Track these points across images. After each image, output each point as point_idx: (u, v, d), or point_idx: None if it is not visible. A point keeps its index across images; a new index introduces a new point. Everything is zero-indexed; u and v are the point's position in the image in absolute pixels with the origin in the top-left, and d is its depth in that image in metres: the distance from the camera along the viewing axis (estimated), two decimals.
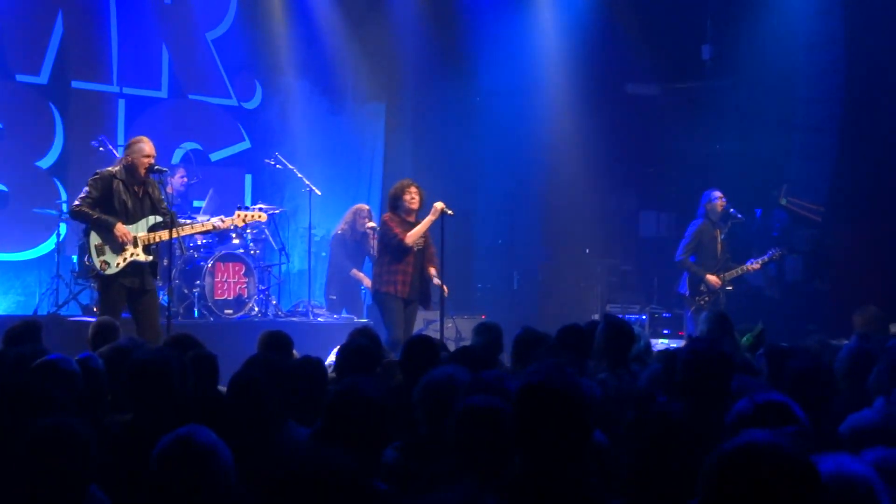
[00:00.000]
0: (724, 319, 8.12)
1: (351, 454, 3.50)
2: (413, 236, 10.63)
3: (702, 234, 12.39)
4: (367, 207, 13.87)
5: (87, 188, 9.53)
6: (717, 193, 12.48)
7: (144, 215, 9.59)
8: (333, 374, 6.51)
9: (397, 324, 10.56)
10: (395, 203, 10.83)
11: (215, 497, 3.58)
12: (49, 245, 12.95)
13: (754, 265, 12.47)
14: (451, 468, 4.12)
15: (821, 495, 2.49)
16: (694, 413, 4.65)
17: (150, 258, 9.56)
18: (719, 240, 12.45)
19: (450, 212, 10.61)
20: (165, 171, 9.85)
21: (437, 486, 3.51)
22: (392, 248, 10.68)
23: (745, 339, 7.71)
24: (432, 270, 10.85)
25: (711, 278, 12.25)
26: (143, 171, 9.54)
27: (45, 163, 13.48)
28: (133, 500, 3.92)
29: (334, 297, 13.67)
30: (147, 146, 9.59)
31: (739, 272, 12.43)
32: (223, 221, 10.34)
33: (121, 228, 9.39)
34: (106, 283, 9.51)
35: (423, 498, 2.37)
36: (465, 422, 4.01)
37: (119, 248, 9.42)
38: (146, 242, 9.52)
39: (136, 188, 9.58)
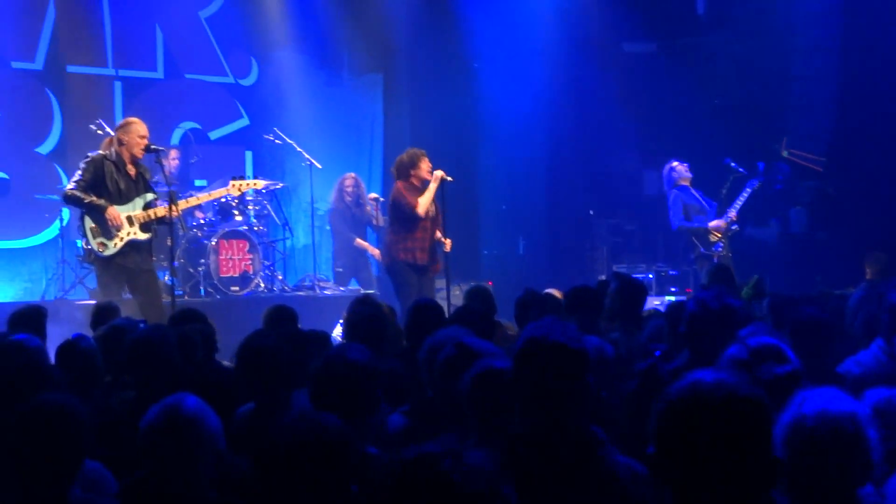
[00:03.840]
0: (725, 270, 8.16)
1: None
2: (424, 206, 10.65)
3: (682, 199, 12.45)
4: (352, 175, 13.85)
5: (79, 172, 9.53)
6: (675, 164, 12.61)
7: (139, 194, 9.59)
8: None
9: (412, 294, 10.54)
10: (406, 172, 10.81)
11: (203, 464, 3.61)
12: (53, 231, 13.00)
13: (738, 202, 12.50)
14: (459, 430, 4.13)
15: (768, 427, 2.44)
16: (693, 363, 4.68)
17: (149, 235, 9.56)
18: (697, 195, 12.48)
19: (449, 178, 10.69)
20: (161, 151, 9.82)
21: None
22: (405, 218, 10.69)
23: (744, 291, 7.72)
24: (438, 233, 10.90)
25: (714, 223, 12.30)
26: (139, 153, 9.53)
27: (45, 148, 13.52)
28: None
29: (341, 270, 13.66)
30: (142, 127, 9.58)
31: (734, 212, 12.43)
32: (210, 193, 10.33)
33: (112, 212, 9.37)
34: (104, 265, 9.51)
35: (404, 452, 2.35)
36: (480, 386, 4.02)
37: (113, 230, 9.41)
38: (142, 220, 9.51)
39: (128, 169, 9.57)
